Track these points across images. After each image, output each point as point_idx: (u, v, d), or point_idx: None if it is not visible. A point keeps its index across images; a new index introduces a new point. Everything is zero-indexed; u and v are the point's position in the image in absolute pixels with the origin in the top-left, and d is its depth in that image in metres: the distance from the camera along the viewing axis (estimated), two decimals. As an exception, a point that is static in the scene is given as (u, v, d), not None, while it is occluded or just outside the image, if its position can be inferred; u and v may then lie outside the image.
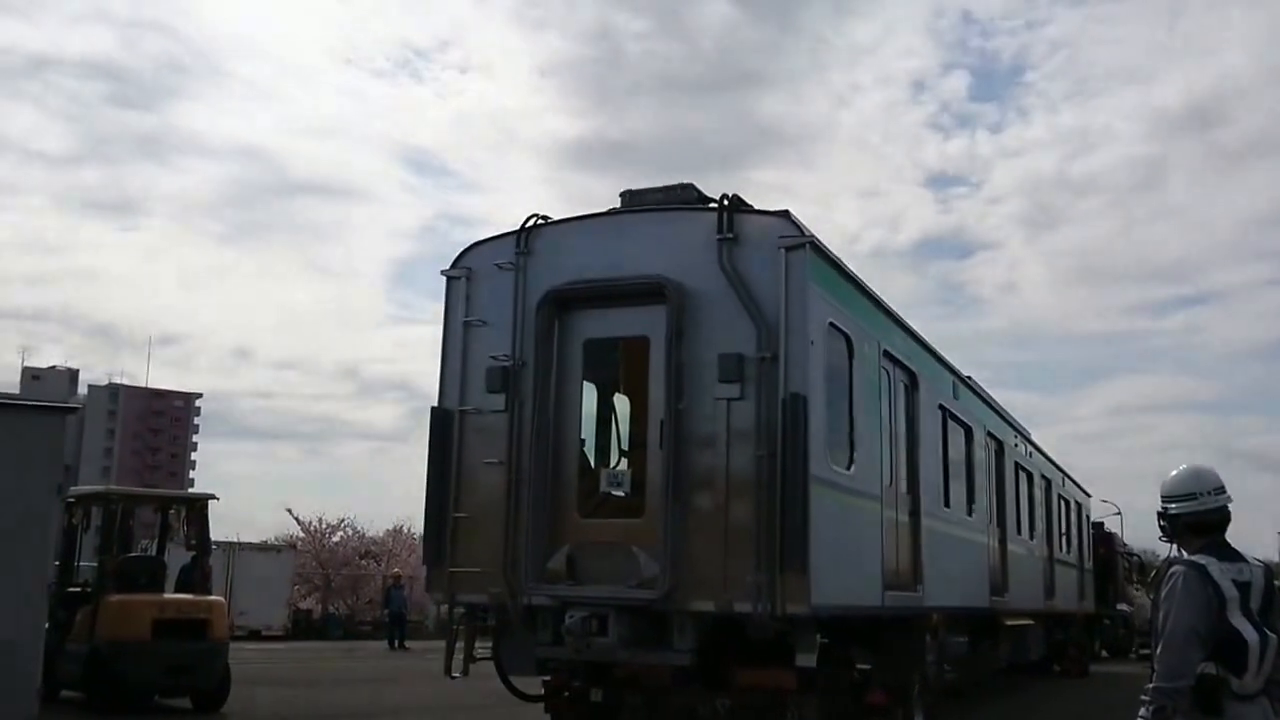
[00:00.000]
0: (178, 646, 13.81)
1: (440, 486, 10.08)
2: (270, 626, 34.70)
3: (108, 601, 13.85)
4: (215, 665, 14.26)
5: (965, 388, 15.21)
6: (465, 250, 10.57)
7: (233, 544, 35.54)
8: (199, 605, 14.65)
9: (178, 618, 14.13)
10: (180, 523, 16.12)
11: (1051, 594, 21.88)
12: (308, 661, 24.42)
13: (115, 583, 14.23)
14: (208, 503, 16.03)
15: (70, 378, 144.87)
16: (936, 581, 12.49)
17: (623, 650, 9.14)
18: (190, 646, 13.95)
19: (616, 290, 9.72)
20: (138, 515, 17.77)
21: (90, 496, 15.66)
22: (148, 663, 13.61)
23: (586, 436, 10.03)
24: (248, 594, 32.11)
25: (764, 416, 8.95)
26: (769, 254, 9.23)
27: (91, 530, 15.34)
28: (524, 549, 9.49)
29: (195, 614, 14.40)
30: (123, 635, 13.51)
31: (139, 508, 17.51)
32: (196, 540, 15.66)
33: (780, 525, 8.73)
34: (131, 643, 13.49)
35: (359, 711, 9.59)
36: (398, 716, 13.04)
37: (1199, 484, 5.08)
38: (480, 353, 10.14)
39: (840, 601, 9.50)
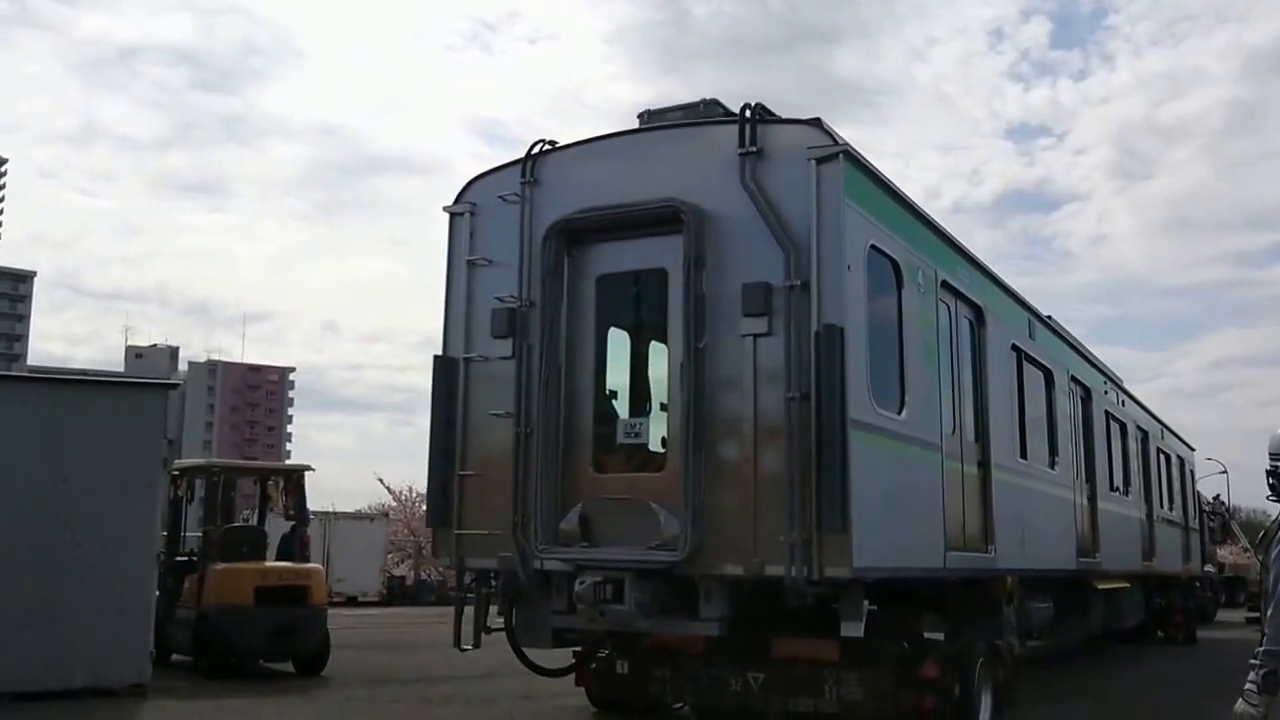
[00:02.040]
0: (279, 612, 14.17)
1: (445, 442, 9.18)
2: (366, 593, 35.30)
3: (213, 570, 14.36)
4: (315, 630, 14.59)
5: (1044, 327, 13.83)
6: (469, 183, 9.62)
7: (328, 513, 36.47)
8: (299, 573, 15.00)
9: (279, 585, 14.50)
10: (279, 493, 16.62)
11: (1151, 555, 20.34)
12: (402, 627, 24.36)
13: (219, 552, 14.72)
14: (304, 474, 16.38)
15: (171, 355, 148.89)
16: (1011, 541, 11.28)
17: (641, 619, 8.16)
18: (291, 612, 14.32)
19: (629, 219, 8.67)
20: (238, 486, 18.21)
21: (193, 469, 16.27)
22: (251, 628, 13.99)
23: (602, 383, 9.01)
24: (344, 561, 32.62)
25: (795, 353, 7.85)
26: (798, 168, 8.09)
27: (195, 502, 16.07)
28: (534, 509, 8.55)
29: (295, 581, 14.75)
30: (227, 602, 13.95)
31: (239, 479, 18.02)
32: (295, 510, 16.05)
33: (816, 477, 7.65)
34: (236, 609, 13.93)
35: (453, 675, 9.46)
36: (489, 680, 12.72)
37: None
38: (486, 295, 9.22)
39: (890, 563, 8.40)
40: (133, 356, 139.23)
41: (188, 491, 15.89)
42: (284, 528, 16.29)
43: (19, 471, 11.55)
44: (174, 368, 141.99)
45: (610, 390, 9.10)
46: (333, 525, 34.35)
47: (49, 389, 12.91)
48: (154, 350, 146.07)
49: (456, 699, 10.93)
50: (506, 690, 10.26)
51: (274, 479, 17.31)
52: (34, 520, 11.52)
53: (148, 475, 12.33)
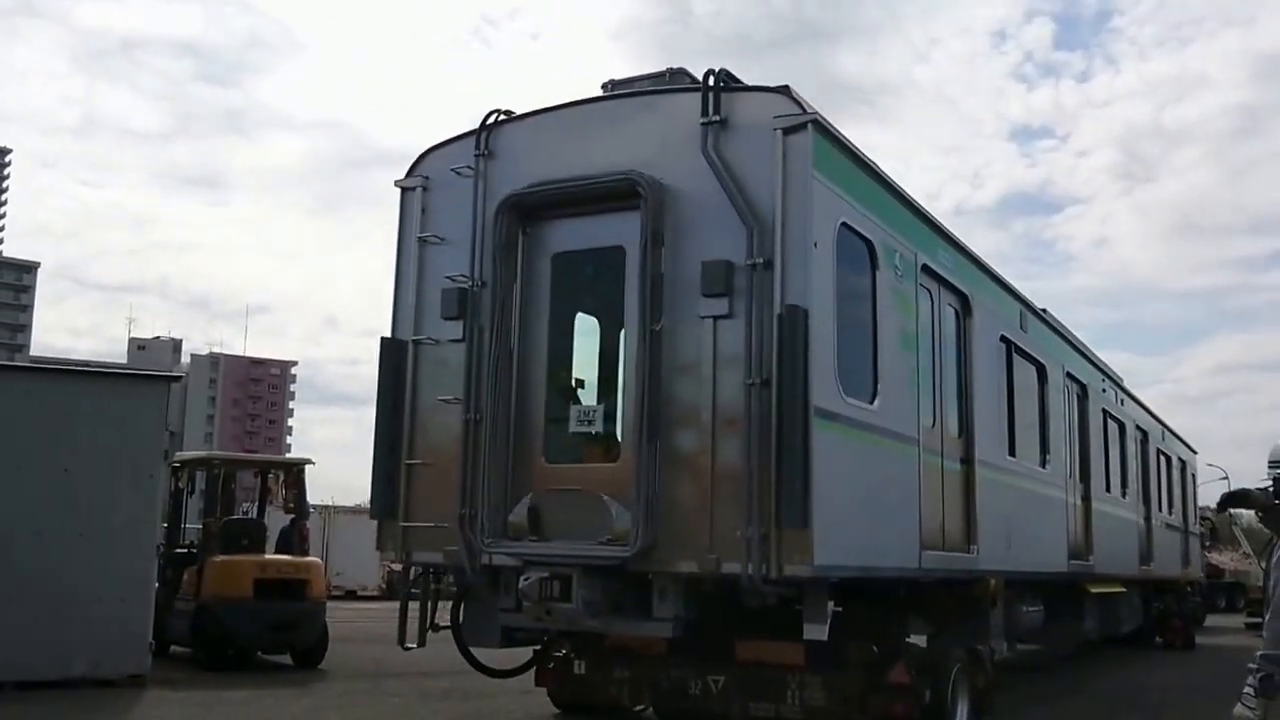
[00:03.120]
0: (278, 605, 14.14)
1: (391, 429, 8.67)
2: (365, 587, 35.17)
3: (212, 562, 14.36)
4: (314, 623, 14.55)
5: (1037, 319, 13.28)
6: (422, 155, 9.09)
7: (328, 507, 36.51)
8: (298, 566, 14.98)
9: (278, 578, 14.44)
10: (279, 486, 16.57)
11: (1149, 559, 19.78)
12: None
13: (219, 544, 14.74)
14: (304, 467, 16.37)
15: (174, 347, 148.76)
16: (996, 542, 10.75)
17: (590, 618, 7.65)
18: (290, 605, 14.28)
19: (586, 193, 8.16)
20: (239, 479, 18.31)
21: (194, 461, 16.39)
22: (250, 620, 13.98)
23: (556, 368, 8.49)
24: (343, 555, 32.39)
25: (756, 337, 7.34)
26: (763, 139, 7.57)
27: (196, 494, 16.27)
28: (482, 500, 8.04)
29: (295, 574, 14.73)
30: (227, 594, 13.95)
31: (240, 472, 18.16)
32: (295, 503, 16.08)
33: (776, 469, 7.13)
34: (235, 601, 13.91)
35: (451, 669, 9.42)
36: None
37: None
38: (438, 274, 8.71)
39: (857, 562, 7.87)
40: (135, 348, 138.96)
41: (188, 483, 16.03)
42: (284, 521, 16.37)
43: (21, 461, 11.53)
44: (176, 360, 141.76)
45: (565, 375, 8.58)
46: (332, 519, 34.28)
47: (52, 380, 12.79)
48: (157, 342, 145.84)
49: (454, 693, 10.71)
50: (506, 685, 10.00)
51: (274, 472, 17.22)
52: (35, 510, 11.50)
53: (149, 467, 12.32)
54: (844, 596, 8.80)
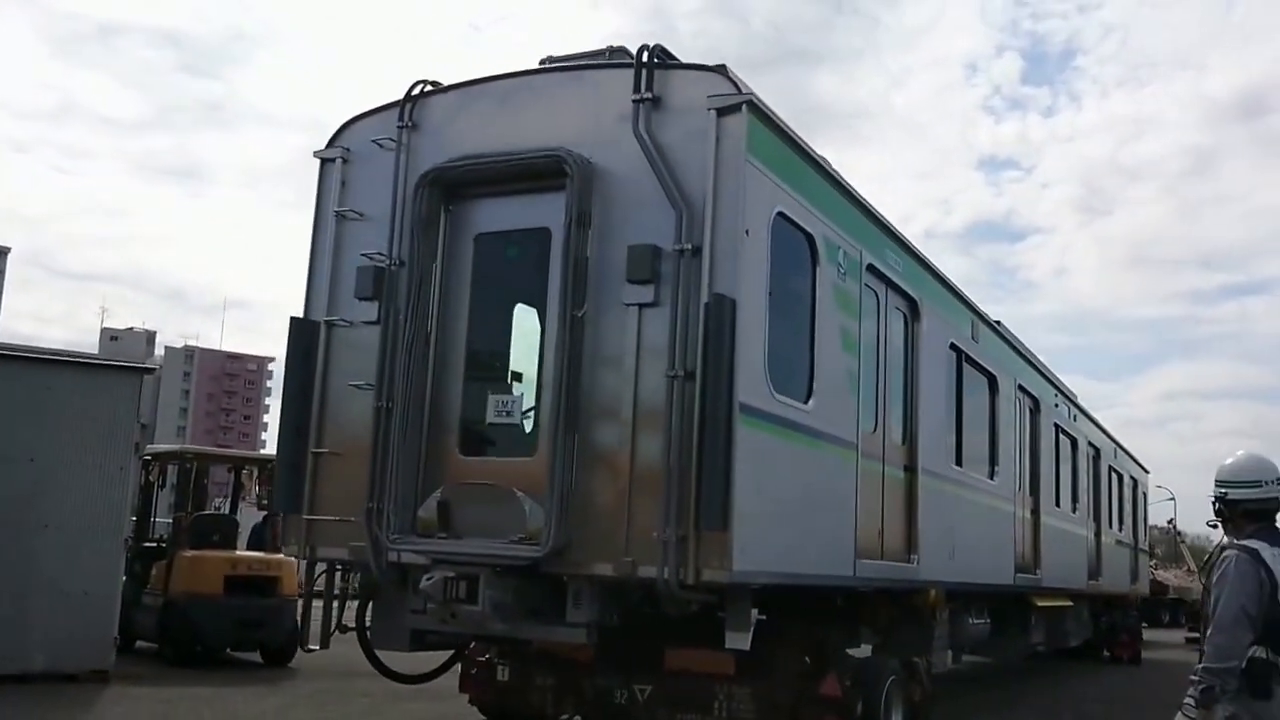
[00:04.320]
0: (248, 602, 13.77)
1: (298, 416, 8.00)
2: None
3: (182, 557, 14.03)
4: (284, 621, 13.92)
5: (990, 330, 12.77)
6: (343, 125, 8.43)
7: None
8: (269, 563, 14.42)
9: (249, 574, 14.08)
10: (252, 482, 16.50)
11: (1098, 574, 19.38)
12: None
13: (189, 539, 14.41)
14: None
15: (148, 339, 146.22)
16: (938, 552, 10.22)
17: (498, 622, 7.02)
18: (260, 602, 13.88)
19: (511, 170, 7.54)
20: (211, 474, 17.87)
21: (166, 455, 15.93)
22: (219, 617, 13.65)
23: (474, 355, 7.85)
24: None
25: (681, 326, 6.75)
26: (696, 119, 6.99)
27: (167, 488, 16.05)
28: (390, 493, 7.42)
29: (266, 571, 14.29)
30: (196, 590, 13.64)
31: (213, 467, 17.72)
32: (268, 500, 15.55)
33: (696, 468, 6.54)
34: (204, 597, 13.60)
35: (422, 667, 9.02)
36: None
37: (1263, 472, 5.10)
38: (354, 252, 8.04)
39: (783, 568, 7.29)
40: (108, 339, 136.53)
41: (160, 477, 15.64)
42: (256, 517, 16.24)
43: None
44: (150, 352, 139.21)
45: (483, 363, 7.96)
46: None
47: (21, 367, 12.00)
48: (130, 334, 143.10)
49: (425, 693, 10.22)
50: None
51: (248, 468, 16.92)
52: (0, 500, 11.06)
53: (119, 459, 11.90)
54: (776, 604, 8.27)
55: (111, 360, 14.25)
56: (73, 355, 13.04)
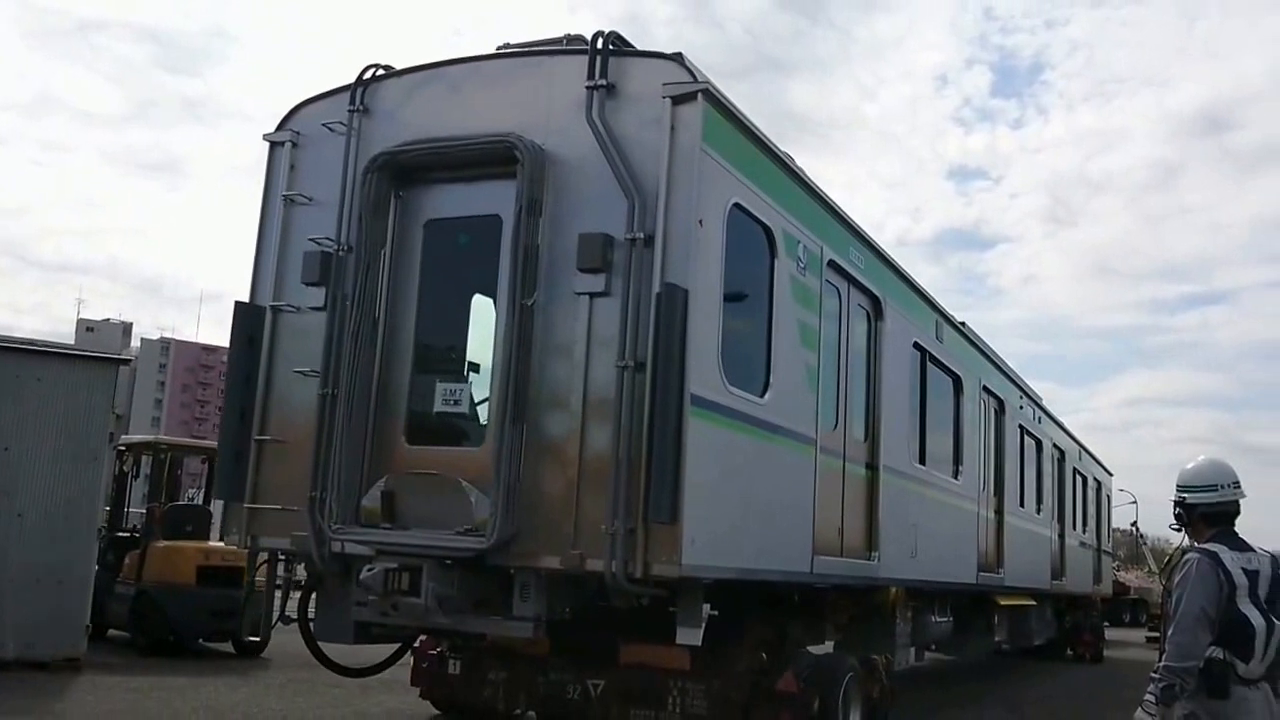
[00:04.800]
0: (220, 593, 13.49)
1: (242, 402, 7.78)
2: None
3: (155, 547, 13.96)
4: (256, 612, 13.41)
5: (954, 330, 12.62)
6: (294, 108, 8.19)
7: None
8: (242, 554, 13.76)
9: (221, 565, 13.79)
10: None
11: (1061, 574, 19.31)
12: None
13: (162, 529, 14.31)
14: None
15: (124, 330, 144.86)
16: (900, 550, 10.06)
17: (441, 614, 6.80)
18: (232, 593, 13.41)
19: (461, 155, 7.30)
20: (185, 465, 17.80)
21: (140, 445, 15.81)
22: (191, 607, 13.53)
23: (423, 342, 7.62)
24: None
25: (632, 316, 6.54)
26: (651, 107, 6.78)
27: (141, 478, 15.78)
28: (334, 482, 7.18)
29: (238, 562, 13.90)
30: (168, 580, 13.57)
31: (186, 458, 17.56)
32: None
33: (645, 460, 6.34)
34: (177, 587, 13.51)
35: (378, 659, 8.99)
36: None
37: (1220, 476, 5.20)
38: (303, 237, 7.80)
39: (735, 564, 7.08)
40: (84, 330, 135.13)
41: (134, 467, 15.57)
42: None
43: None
44: (126, 343, 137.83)
45: (432, 351, 7.71)
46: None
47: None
48: (106, 325, 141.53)
49: (397, 684, 10.10)
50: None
51: None
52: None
53: (94, 449, 11.81)
54: (732, 600, 8.09)
55: (87, 351, 14.06)
56: (49, 345, 12.89)
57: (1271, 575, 4.98)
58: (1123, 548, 32.83)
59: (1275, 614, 4.91)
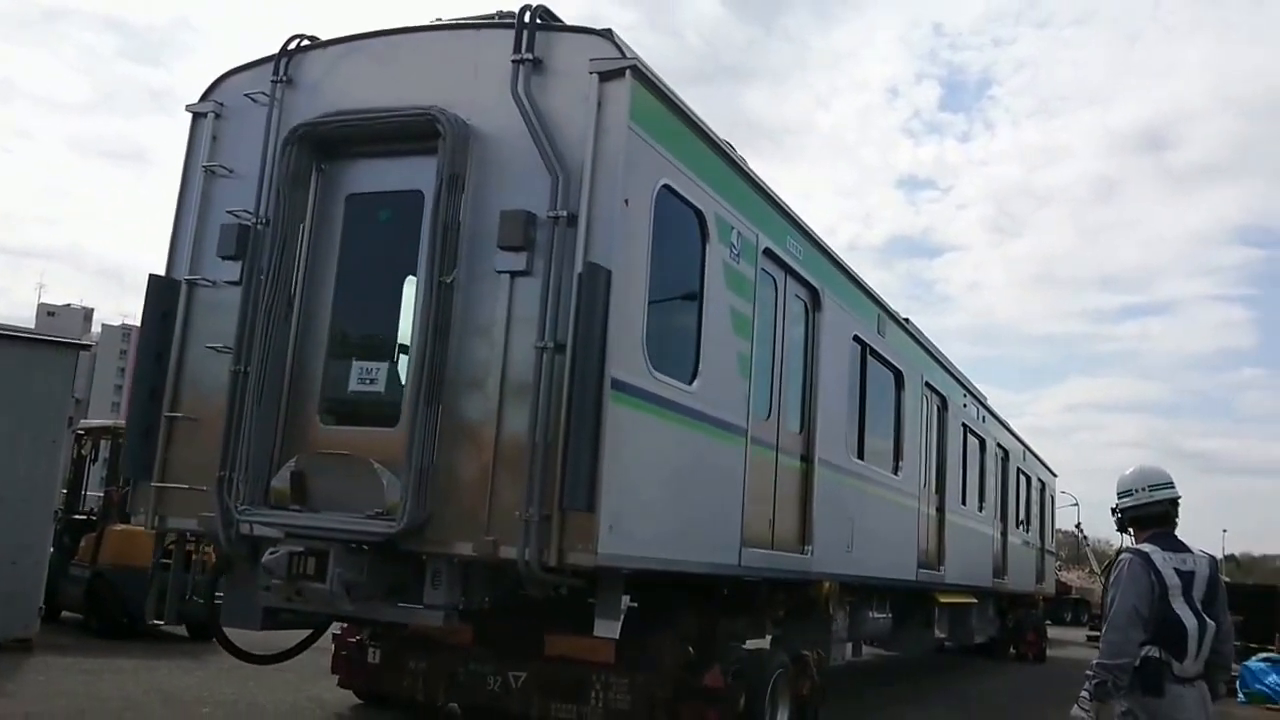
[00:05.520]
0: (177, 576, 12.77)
1: (153, 378, 7.40)
2: None
3: (111, 530, 13.75)
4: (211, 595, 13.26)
5: (897, 326, 12.43)
6: (218, 79, 7.83)
7: None
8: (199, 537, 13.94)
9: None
10: None
11: (1003, 573, 19.24)
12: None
13: (119, 512, 13.76)
14: None
15: (85, 316, 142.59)
16: (834, 544, 9.84)
17: (348, 602, 6.48)
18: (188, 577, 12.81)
19: (382, 128, 6.96)
20: None
21: (99, 430, 15.73)
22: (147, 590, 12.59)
23: (340, 319, 7.28)
24: None
25: (553, 296, 6.26)
26: (579, 83, 6.50)
27: (99, 462, 15.80)
28: (243, 461, 6.85)
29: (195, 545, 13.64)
30: (124, 562, 13.15)
31: None
32: None
33: (563, 445, 6.06)
34: (133, 570, 12.76)
35: None
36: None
37: (1137, 481, 5.36)
38: (223, 209, 7.45)
39: (657, 554, 6.79)
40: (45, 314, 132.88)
41: (92, 451, 15.52)
42: None
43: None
44: (87, 329, 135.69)
45: (350, 328, 7.35)
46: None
47: None
48: (67, 310, 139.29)
49: None
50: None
51: None
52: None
53: (52, 433, 11.67)
54: (658, 592, 7.84)
55: (48, 335, 13.77)
56: (9, 329, 12.54)
57: (1209, 576, 5.06)
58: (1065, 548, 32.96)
59: (1210, 614, 4.99)
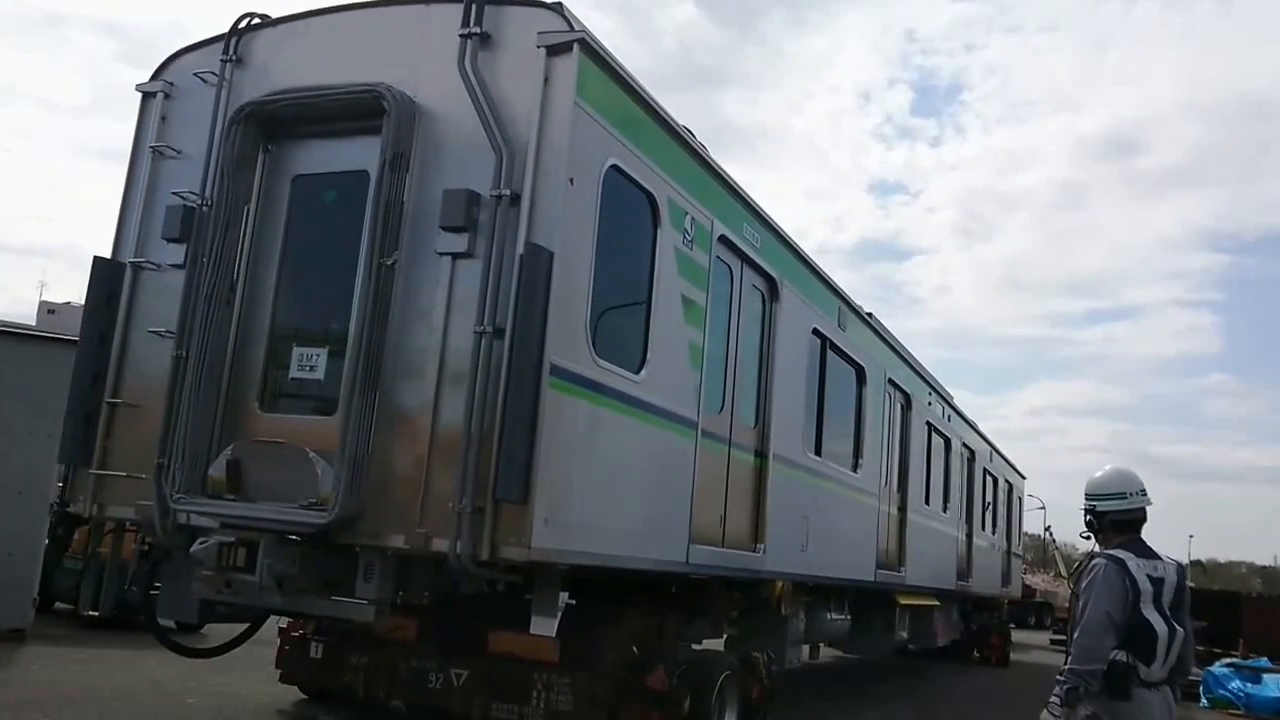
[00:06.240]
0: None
1: (95, 362, 7.14)
2: None
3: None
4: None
5: (860, 321, 12.23)
6: (169, 58, 7.58)
7: None
8: None
9: None
10: None
11: (967, 575, 19.04)
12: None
13: None
14: None
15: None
16: (788, 543, 9.61)
17: (279, 594, 6.24)
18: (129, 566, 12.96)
19: (331, 108, 6.71)
20: None
21: None
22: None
23: (283, 304, 7.00)
24: None
25: (494, 278, 6.03)
26: (527, 59, 6.28)
27: None
28: (181, 448, 6.59)
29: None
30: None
31: None
32: None
33: (498, 434, 5.83)
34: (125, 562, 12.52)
35: None
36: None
37: (1127, 484, 5.27)
38: (169, 191, 7.21)
39: (597, 549, 6.53)
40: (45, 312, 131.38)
41: None
42: None
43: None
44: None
45: (294, 314, 7.03)
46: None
47: None
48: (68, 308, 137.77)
49: None
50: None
51: None
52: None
53: (49, 427, 10.97)
54: (603, 589, 7.64)
55: (48, 332, 13.54)
56: (9, 326, 12.47)
57: (1177, 583, 5.04)
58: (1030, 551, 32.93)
59: (1178, 620, 4.97)
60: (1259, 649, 21.38)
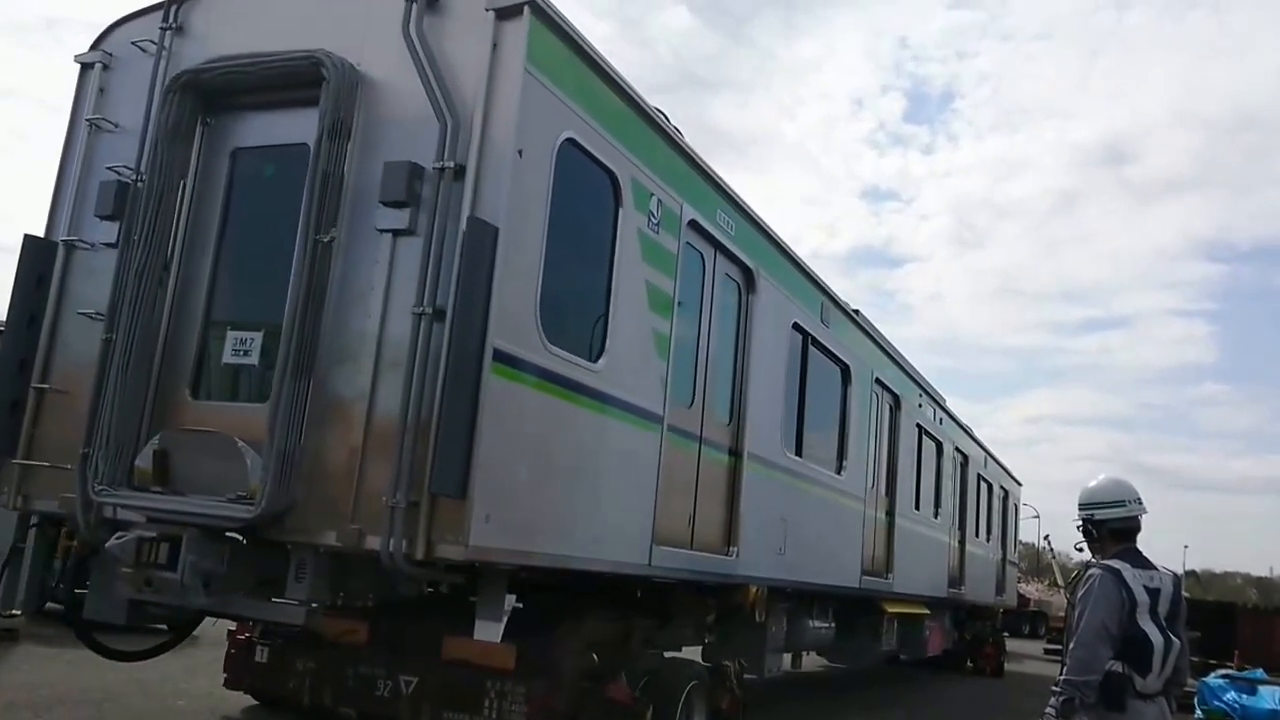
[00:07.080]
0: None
1: (22, 346, 6.67)
2: None
3: None
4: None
5: (845, 317, 11.76)
6: (109, 28, 7.13)
7: None
8: None
9: None
10: None
11: (960, 583, 18.54)
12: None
13: None
14: None
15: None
16: (764, 546, 9.15)
17: (203, 593, 5.78)
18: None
19: (267, 76, 6.24)
20: None
21: None
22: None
23: (217, 285, 6.56)
24: None
25: (435, 257, 5.59)
26: (477, 24, 5.84)
27: None
28: (105, 438, 6.14)
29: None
30: None
31: None
32: None
33: (435, 423, 5.38)
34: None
35: None
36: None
37: (1124, 492, 5.21)
38: (104, 166, 6.78)
39: (543, 548, 6.06)
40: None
41: None
42: None
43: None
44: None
45: (230, 295, 6.59)
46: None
47: None
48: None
49: None
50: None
51: None
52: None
53: None
54: (562, 592, 7.18)
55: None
56: None
57: (1173, 594, 4.96)
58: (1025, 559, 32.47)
59: (1174, 631, 4.92)
60: (1254, 660, 20.86)
